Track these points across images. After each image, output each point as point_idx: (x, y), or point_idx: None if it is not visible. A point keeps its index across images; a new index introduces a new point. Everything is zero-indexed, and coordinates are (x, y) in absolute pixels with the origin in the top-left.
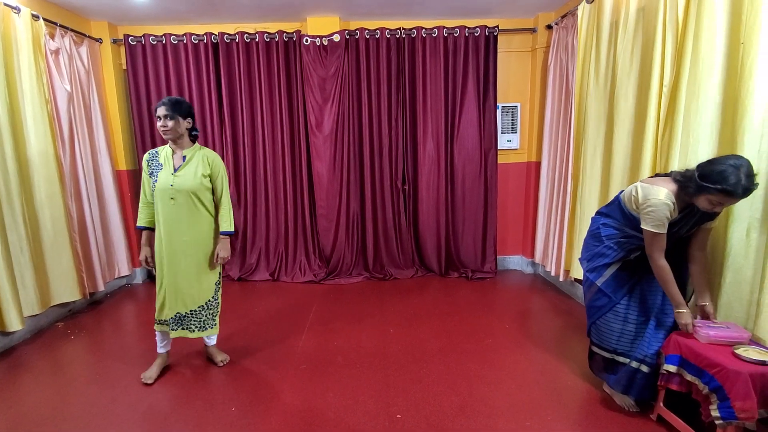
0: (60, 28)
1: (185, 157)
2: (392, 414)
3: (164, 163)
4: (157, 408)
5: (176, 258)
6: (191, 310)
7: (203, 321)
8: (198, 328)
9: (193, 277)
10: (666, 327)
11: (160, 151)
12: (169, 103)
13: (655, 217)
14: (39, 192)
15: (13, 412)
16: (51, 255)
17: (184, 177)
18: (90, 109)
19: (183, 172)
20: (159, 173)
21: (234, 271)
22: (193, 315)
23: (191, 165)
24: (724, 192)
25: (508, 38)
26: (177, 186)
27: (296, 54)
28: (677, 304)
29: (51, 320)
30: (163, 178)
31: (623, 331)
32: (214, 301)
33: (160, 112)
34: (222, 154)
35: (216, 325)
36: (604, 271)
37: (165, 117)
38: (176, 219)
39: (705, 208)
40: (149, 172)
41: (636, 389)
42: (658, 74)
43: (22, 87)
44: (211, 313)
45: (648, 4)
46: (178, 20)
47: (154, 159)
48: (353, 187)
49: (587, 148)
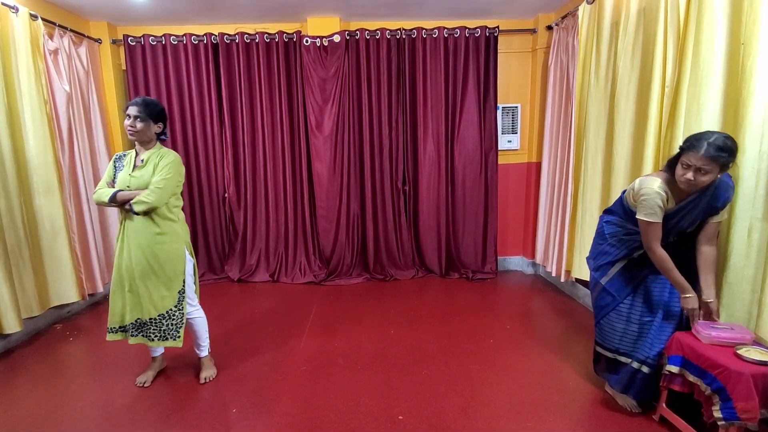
0: (59, 28)
1: (143, 159)
2: (394, 415)
3: (126, 165)
4: (156, 410)
5: (128, 264)
6: (150, 318)
7: (164, 330)
8: (158, 337)
9: (143, 285)
10: (674, 317)
11: (128, 153)
12: (142, 104)
13: (647, 206)
14: (38, 193)
15: (10, 415)
16: (49, 256)
17: (141, 178)
18: (89, 110)
19: (140, 172)
20: (119, 173)
21: (234, 272)
22: (152, 323)
23: (148, 167)
24: (689, 148)
25: (509, 39)
26: (134, 186)
27: (296, 54)
28: (683, 290)
29: (49, 322)
30: (120, 178)
31: (626, 331)
32: (177, 311)
33: (130, 111)
34: (222, 154)
35: (179, 337)
36: (608, 269)
37: (135, 118)
38: (131, 222)
39: (681, 178)
40: (113, 173)
41: (635, 389)
42: (659, 75)
43: (20, 88)
44: (173, 324)
45: (648, 5)
46: (178, 21)
47: (120, 160)
48: (353, 187)
49: (588, 148)
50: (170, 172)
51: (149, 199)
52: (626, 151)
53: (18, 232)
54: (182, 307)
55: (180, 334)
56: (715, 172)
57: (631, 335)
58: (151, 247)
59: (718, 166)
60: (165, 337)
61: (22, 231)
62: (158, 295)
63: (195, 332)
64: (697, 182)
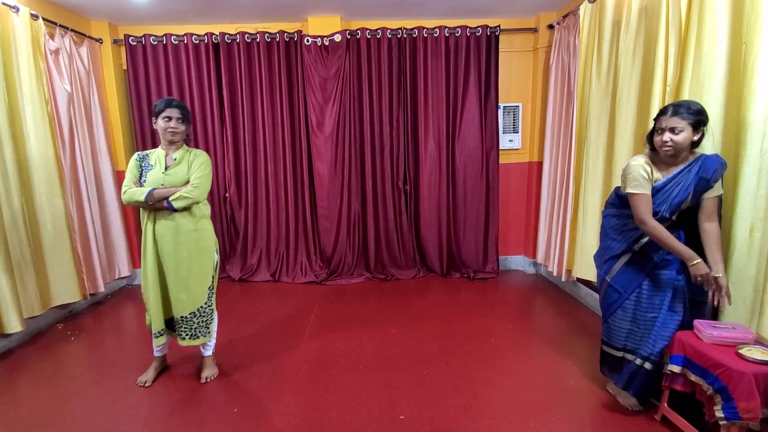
0: (60, 27)
1: (175, 158)
2: (395, 415)
3: (155, 164)
4: (158, 410)
5: (165, 262)
6: (181, 316)
7: (194, 329)
8: (189, 336)
9: (182, 282)
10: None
11: (150, 153)
12: (180, 106)
13: (632, 178)
14: (39, 193)
15: (12, 415)
16: (51, 256)
17: (175, 175)
18: (90, 110)
19: (174, 170)
20: (148, 173)
21: (235, 272)
22: (184, 321)
23: (182, 165)
24: (658, 116)
25: (510, 38)
26: (168, 184)
27: (297, 54)
28: (688, 258)
29: (51, 322)
30: (152, 177)
31: (632, 329)
32: (207, 308)
33: (171, 114)
34: (222, 154)
35: (210, 333)
36: (613, 264)
37: (178, 119)
38: (165, 220)
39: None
40: (138, 173)
41: (636, 386)
42: (661, 73)
43: (21, 87)
44: (204, 321)
45: (650, 4)
46: (179, 20)
47: (144, 160)
48: (354, 187)
49: (589, 147)
50: (207, 169)
51: (192, 195)
52: (628, 150)
53: (19, 231)
54: (212, 303)
55: (210, 329)
56: (688, 131)
57: (637, 332)
58: (187, 243)
59: (688, 123)
60: (195, 335)
61: (23, 230)
62: (192, 293)
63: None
64: (674, 143)
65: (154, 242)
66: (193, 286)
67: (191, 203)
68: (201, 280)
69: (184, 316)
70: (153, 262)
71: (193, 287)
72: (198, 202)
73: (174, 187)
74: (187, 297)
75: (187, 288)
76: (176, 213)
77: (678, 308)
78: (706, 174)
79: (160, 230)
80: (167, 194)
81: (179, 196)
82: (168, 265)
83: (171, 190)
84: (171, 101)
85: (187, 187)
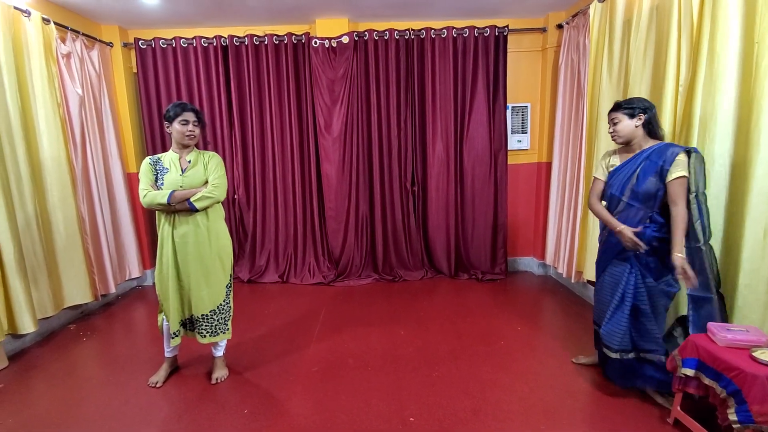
0: (71, 32)
1: (190, 160)
2: (405, 417)
3: (170, 167)
4: (170, 410)
5: (185, 262)
6: (202, 315)
7: (214, 326)
8: (209, 333)
9: (202, 281)
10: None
11: (162, 157)
12: (196, 111)
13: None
14: (51, 195)
15: (26, 414)
16: (63, 257)
17: (193, 177)
18: (101, 113)
19: (191, 172)
20: (165, 176)
21: (244, 273)
22: (204, 319)
23: (198, 166)
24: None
25: (518, 38)
26: (186, 185)
27: (305, 56)
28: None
29: (63, 322)
30: (170, 179)
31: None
32: (225, 305)
33: (188, 117)
34: (231, 156)
35: (228, 330)
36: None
37: (195, 123)
38: (184, 222)
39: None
40: (153, 177)
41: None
42: (673, 73)
43: (34, 91)
44: (223, 318)
45: (661, 3)
46: (188, 23)
47: (158, 164)
48: (362, 188)
49: (600, 148)
50: (222, 170)
51: (214, 194)
52: None
53: (33, 233)
54: (229, 301)
55: (228, 326)
56: (625, 120)
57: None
58: (207, 244)
59: (623, 113)
60: (215, 332)
61: (36, 232)
62: (212, 291)
63: None
64: (615, 131)
65: (173, 244)
66: (213, 285)
67: (213, 202)
68: (220, 278)
69: (204, 314)
70: (172, 264)
71: (213, 285)
72: (219, 201)
73: (192, 188)
74: (208, 295)
75: (207, 286)
76: (195, 214)
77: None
78: (658, 158)
79: (180, 231)
80: (188, 195)
81: (201, 196)
82: (188, 265)
83: (191, 191)
84: (186, 105)
85: (207, 187)
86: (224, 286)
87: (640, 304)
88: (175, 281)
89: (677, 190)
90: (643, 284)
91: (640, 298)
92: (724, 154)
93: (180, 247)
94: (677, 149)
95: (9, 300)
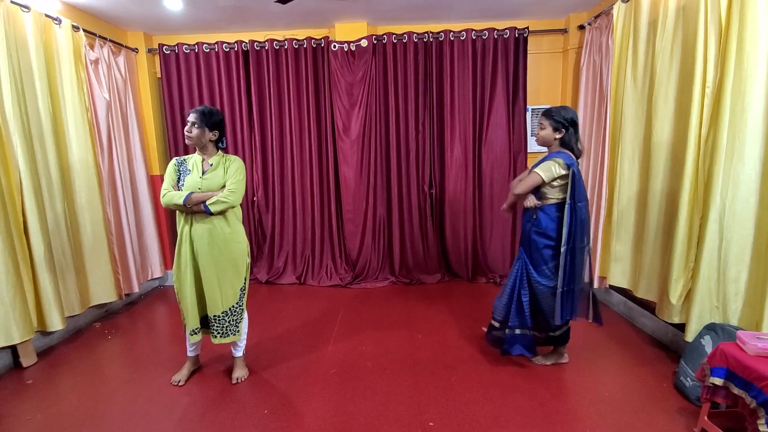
0: (99, 38)
1: (212, 163)
2: (424, 421)
3: (192, 169)
4: (192, 409)
5: (201, 262)
6: (214, 315)
7: (225, 327)
8: (220, 334)
9: (216, 282)
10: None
11: (188, 159)
12: (200, 113)
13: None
14: (80, 197)
15: (53, 411)
16: (90, 257)
17: (212, 180)
18: (126, 117)
19: (210, 175)
20: (186, 177)
21: (262, 275)
22: (216, 320)
23: (218, 170)
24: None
25: (538, 39)
26: (205, 188)
27: (324, 60)
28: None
29: (89, 320)
30: (190, 181)
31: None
32: (238, 308)
33: (189, 118)
34: (251, 158)
35: (239, 332)
36: None
37: (192, 124)
38: (201, 223)
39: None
40: (176, 177)
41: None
42: (700, 74)
43: (64, 96)
44: (234, 320)
45: (688, 3)
46: (210, 29)
47: (183, 165)
48: (380, 191)
49: (624, 150)
50: (241, 175)
51: (229, 199)
52: (665, 154)
53: (62, 233)
54: (242, 303)
55: (239, 328)
56: (548, 128)
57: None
58: (223, 246)
59: (549, 122)
60: (226, 333)
61: (65, 233)
62: (225, 293)
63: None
64: (538, 135)
65: (191, 243)
66: (226, 287)
67: (227, 207)
68: (234, 280)
69: (216, 315)
70: (190, 263)
71: (226, 287)
72: (234, 206)
73: (210, 191)
74: (221, 296)
75: (220, 288)
76: (212, 216)
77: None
78: (542, 161)
79: (197, 232)
80: (204, 198)
81: (216, 200)
82: (203, 265)
83: (208, 194)
84: (197, 108)
85: (223, 192)
86: (238, 288)
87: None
88: (192, 279)
89: (529, 177)
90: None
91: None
92: (754, 156)
93: (197, 248)
94: (554, 159)
95: (39, 298)
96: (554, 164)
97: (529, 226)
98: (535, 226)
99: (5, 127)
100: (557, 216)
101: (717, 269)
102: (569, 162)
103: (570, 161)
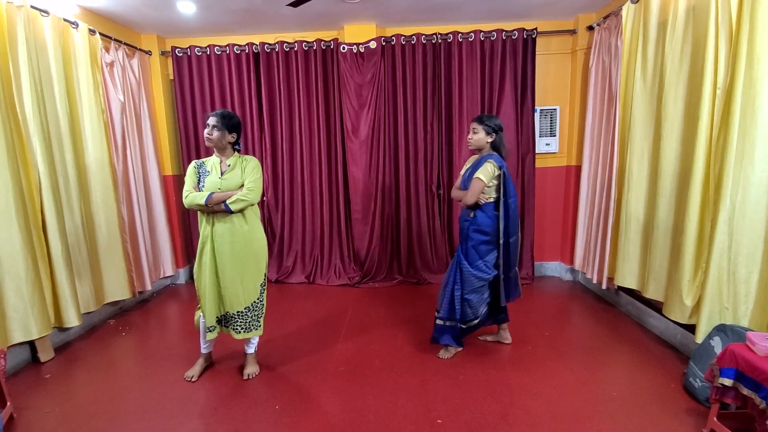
0: (114, 41)
1: (230, 164)
2: (432, 419)
3: (211, 170)
4: (205, 404)
5: (222, 260)
6: (237, 312)
7: (248, 322)
8: (243, 330)
9: (238, 279)
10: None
11: (206, 161)
12: (220, 115)
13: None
14: (95, 196)
15: (70, 405)
16: (105, 256)
17: (230, 180)
18: (140, 118)
19: (229, 175)
20: (206, 178)
21: (271, 273)
22: (239, 316)
23: (236, 170)
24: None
25: (547, 40)
26: (224, 188)
27: (333, 61)
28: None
29: (104, 317)
30: (210, 182)
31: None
32: (259, 303)
33: (210, 121)
34: (261, 159)
35: (260, 326)
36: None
37: (213, 127)
38: (222, 222)
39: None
40: (197, 179)
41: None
42: (710, 76)
43: (80, 98)
44: (256, 315)
45: (698, 4)
46: (222, 32)
47: (202, 167)
48: (388, 191)
49: (633, 151)
50: (258, 173)
51: (248, 198)
52: (675, 155)
53: (78, 232)
54: (263, 299)
55: (260, 323)
56: (481, 133)
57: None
58: (243, 243)
59: (482, 127)
60: (249, 328)
61: (81, 231)
62: (247, 289)
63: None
64: (471, 140)
65: (212, 242)
66: (248, 283)
67: (247, 205)
68: (254, 277)
69: (239, 311)
70: (211, 261)
71: (248, 284)
72: (253, 204)
73: (230, 190)
74: (243, 293)
75: (242, 284)
76: (232, 215)
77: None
78: (479, 164)
79: (219, 231)
80: (224, 197)
81: (236, 199)
82: (225, 263)
83: (228, 193)
84: (216, 111)
85: (242, 191)
86: (259, 284)
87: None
88: (213, 278)
89: (473, 184)
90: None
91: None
92: (764, 158)
93: (218, 246)
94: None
95: (56, 295)
96: (490, 165)
97: (467, 225)
98: (474, 224)
99: (26, 129)
100: (494, 214)
101: (727, 270)
102: (500, 163)
103: (500, 162)
